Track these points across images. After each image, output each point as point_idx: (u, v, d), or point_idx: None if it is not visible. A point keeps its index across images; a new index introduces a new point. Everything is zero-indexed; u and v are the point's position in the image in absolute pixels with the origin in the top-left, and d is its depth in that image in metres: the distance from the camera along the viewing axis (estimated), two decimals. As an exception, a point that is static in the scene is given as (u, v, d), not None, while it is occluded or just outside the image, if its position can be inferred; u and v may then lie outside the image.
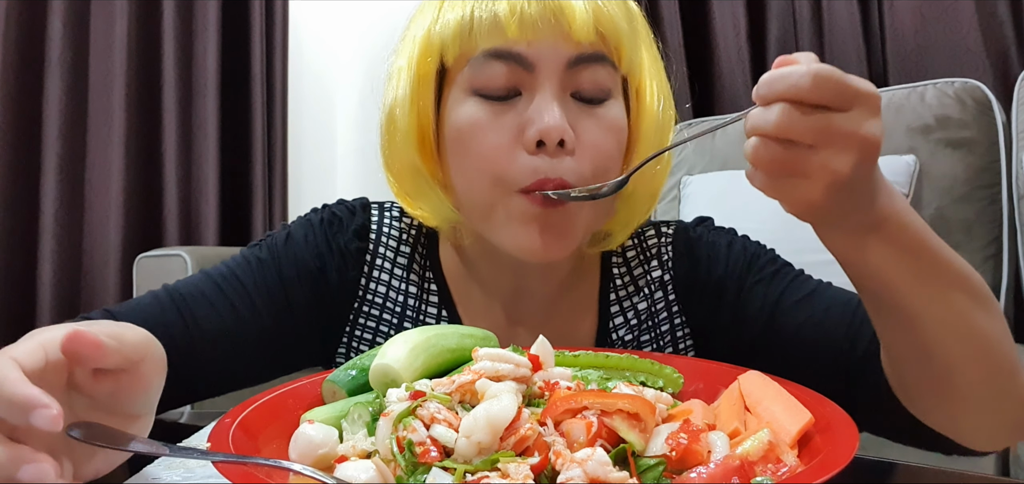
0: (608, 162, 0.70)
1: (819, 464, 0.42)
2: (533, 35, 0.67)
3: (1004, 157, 1.76)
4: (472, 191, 0.71)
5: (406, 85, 0.72)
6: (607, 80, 0.70)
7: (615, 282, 0.81)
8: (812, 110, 0.48)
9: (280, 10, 2.47)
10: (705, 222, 0.83)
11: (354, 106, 2.71)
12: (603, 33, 0.69)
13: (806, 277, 0.76)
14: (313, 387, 0.61)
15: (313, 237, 0.79)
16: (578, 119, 0.68)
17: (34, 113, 2.07)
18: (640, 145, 0.73)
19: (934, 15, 1.99)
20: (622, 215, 0.77)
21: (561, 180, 0.66)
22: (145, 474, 0.54)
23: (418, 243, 0.82)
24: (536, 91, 0.68)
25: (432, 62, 0.71)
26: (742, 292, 0.76)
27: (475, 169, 0.69)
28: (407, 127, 0.72)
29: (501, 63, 0.67)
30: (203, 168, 2.28)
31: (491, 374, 0.53)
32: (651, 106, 0.73)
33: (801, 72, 0.48)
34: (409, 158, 0.73)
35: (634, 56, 0.72)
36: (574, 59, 0.68)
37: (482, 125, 0.68)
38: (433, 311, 0.80)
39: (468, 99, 0.69)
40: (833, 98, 0.48)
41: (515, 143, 0.68)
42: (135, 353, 0.50)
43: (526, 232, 0.68)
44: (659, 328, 0.80)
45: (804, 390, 0.54)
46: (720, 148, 2.08)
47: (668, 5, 2.31)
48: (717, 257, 0.78)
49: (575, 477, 0.41)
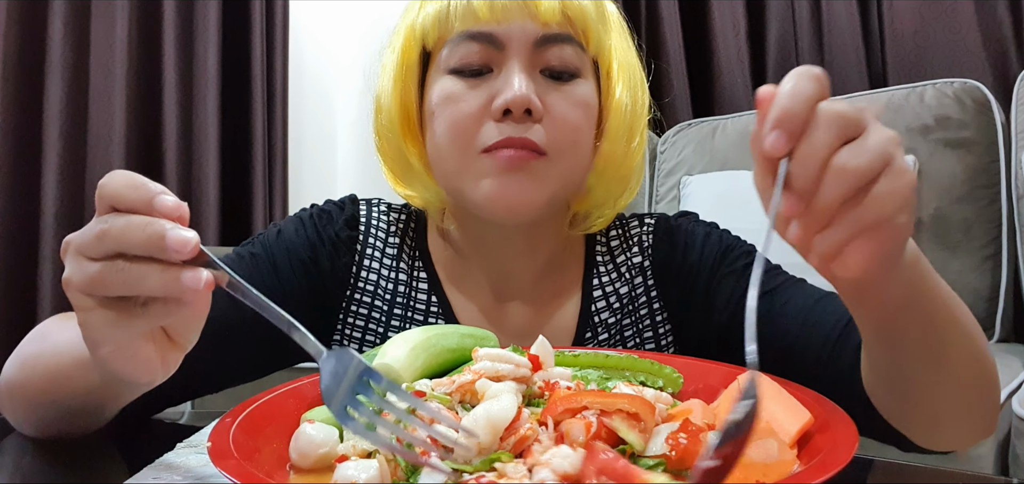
0: (576, 134, 0.74)
1: (819, 464, 0.42)
2: (503, 17, 0.72)
3: (1003, 157, 1.77)
4: (443, 159, 0.75)
5: (391, 72, 0.78)
6: (574, 59, 0.74)
7: (598, 268, 0.83)
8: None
9: (280, 10, 2.47)
10: (688, 215, 0.86)
11: (354, 106, 2.71)
12: (570, 16, 0.74)
13: (781, 275, 0.77)
14: (313, 387, 0.61)
15: (303, 230, 0.82)
16: (546, 92, 0.73)
17: (34, 113, 2.07)
18: (609, 125, 0.77)
19: (934, 15, 1.99)
20: (596, 194, 0.81)
21: (525, 139, 0.71)
22: (145, 474, 0.54)
23: (407, 233, 0.85)
24: (506, 67, 0.72)
25: (415, 49, 0.77)
26: (713, 281, 0.78)
27: (446, 137, 0.74)
28: (392, 111, 0.78)
29: (474, 42, 0.73)
30: (203, 168, 2.28)
31: (491, 374, 0.53)
32: (620, 88, 0.77)
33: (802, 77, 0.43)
34: (395, 141, 0.79)
35: (603, 40, 0.76)
36: (541, 38, 0.72)
37: (454, 97, 0.74)
38: (422, 297, 0.82)
39: (444, 77, 0.75)
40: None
41: (483, 113, 0.72)
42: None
43: (491, 185, 0.72)
44: (638, 312, 0.82)
45: (804, 390, 0.54)
46: (720, 148, 2.08)
47: (668, 5, 2.31)
48: (693, 245, 0.81)
49: (546, 478, 0.41)
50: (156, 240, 0.44)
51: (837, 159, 0.41)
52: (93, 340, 0.48)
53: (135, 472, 0.55)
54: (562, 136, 0.73)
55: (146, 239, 0.44)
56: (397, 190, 0.84)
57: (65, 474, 0.62)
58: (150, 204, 0.45)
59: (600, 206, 0.81)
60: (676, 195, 2.10)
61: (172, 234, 0.44)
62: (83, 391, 0.60)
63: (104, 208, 0.46)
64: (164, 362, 0.50)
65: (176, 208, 0.45)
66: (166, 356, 0.50)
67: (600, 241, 0.85)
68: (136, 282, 0.44)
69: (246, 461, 0.46)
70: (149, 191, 0.45)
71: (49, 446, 0.65)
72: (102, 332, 0.47)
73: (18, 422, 0.67)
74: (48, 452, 0.65)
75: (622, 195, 0.82)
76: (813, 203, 0.42)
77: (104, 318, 0.46)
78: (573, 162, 0.75)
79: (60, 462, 0.63)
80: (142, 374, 0.49)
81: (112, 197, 0.45)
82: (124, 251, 0.44)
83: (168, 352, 0.50)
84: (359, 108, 2.81)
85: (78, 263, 0.46)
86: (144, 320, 0.46)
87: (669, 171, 2.15)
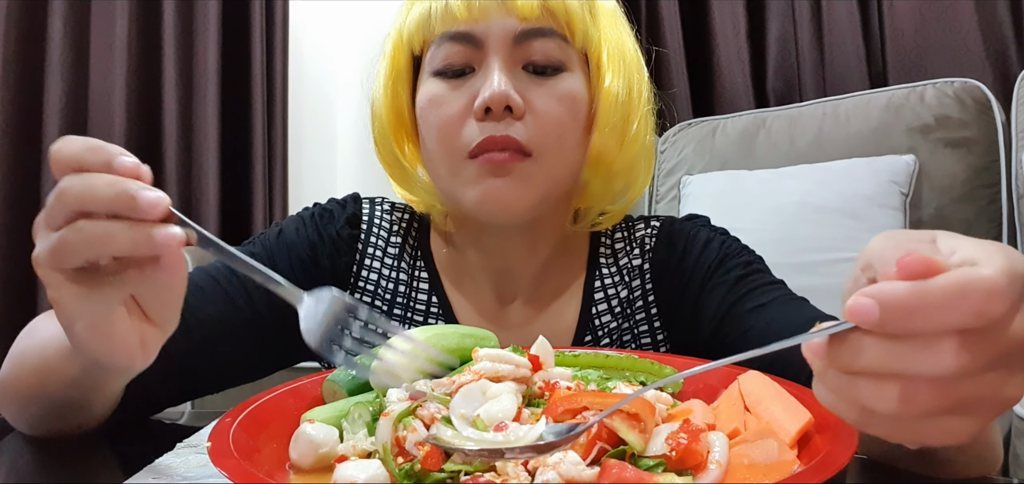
0: (560, 129, 0.73)
1: (819, 464, 0.42)
2: (481, 15, 0.72)
3: (1004, 157, 1.77)
4: (434, 164, 0.76)
5: (383, 78, 0.79)
6: (558, 53, 0.73)
7: (601, 270, 0.83)
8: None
9: (280, 10, 2.47)
10: (697, 218, 0.84)
11: (354, 106, 2.71)
12: (551, 9, 0.73)
13: (775, 289, 0.74)
14: (313, 387, 0.61)
15: (304, 229, 0.81)
16: (529, 88, 0.72)
17: (34, 113, 2.07)
18: (600, 116, 0.76)
19: (934, 15, 1.99)
20: (593, 188, 0.79)
21: (507, 137, 0.70)
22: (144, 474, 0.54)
23: (409, 232, 0.85)
24: (485, 65, 0.72)
25: (404, 54, 0.78)
26: (704, 288, 0.77)
27: (433, 141, 0.74)
28: (385, 117, 0.79)
29: (454, 43, 0.73)
30: (203, 168, 2.28)
31: (491, 374, 0.53)
32: (610, 78, 0.76)
33: (994, 290, 0.32)
34: (391, 147, 0.80)
35: (589, 31, 0.75)
36: (521, 33, 0.72)
37: (437, 100, 0.74)
38: (423, 297, 0.82)
39: (429, 80, 0.75)
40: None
41: (465, 113, 0.72)
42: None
43: (479, 191, 0.72)
44: (635, 316, 0.81)
45: (804, 390, 0.54)
46: (720, 147, 2.08)
47: (668, 5, 2.31)
48: (691, 248, 0.79)
49: (550, 479, 0.41)
50: (125, 198, 0.42)
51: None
52: (67, 318, 0.46)
53: (134, 472, 0.54)
54: (545, 132, 0.72)
55: (114, 195, 0.42)
56: (400, 194, 0.84)
57: (64, 474, 0.62)
58: (110, 165, 0.43)
59: (600, 201, 0.80)
60: (676, 195, 2.10)
61: (143, 193, 0.42)
62: (66, 383, 0.59)
63: (61, 174, 0.44)
64: (143, 344, 0.49)
65: (135, 168, 0.44)
66: (145, 337, 0.49)
67: (604, 242, 0.84)
68: (104, 241, 0.42)
69: (246, 461, 0.45)
70: (108, 152, 0.44)
71: (48, 446, 0.65)
72: (74, 307, 0.45)
73: (14, 420, 0.67)
74: (47, 452, 0.65)
75: (624, 190, 0.81)
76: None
77: (75, 292, 0.44)
78: (559, 158, 0.74)
79: (59, 462, 0.63)
80: (120, 356, 0.48)
81: (70, 161, 0.43)
82: (88, 210, 0.42)
83: (147, 333, 0.49)
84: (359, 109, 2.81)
85: (43, 236, 0.44)
86: (117, 288, 0.44)
87: (669, 171, 2.15)
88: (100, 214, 0.42)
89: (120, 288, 0.45)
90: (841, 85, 2.08)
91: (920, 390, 0.33)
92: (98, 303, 0.45)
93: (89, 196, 0.42)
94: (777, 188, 1.86)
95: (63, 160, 0.44)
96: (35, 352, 0.62)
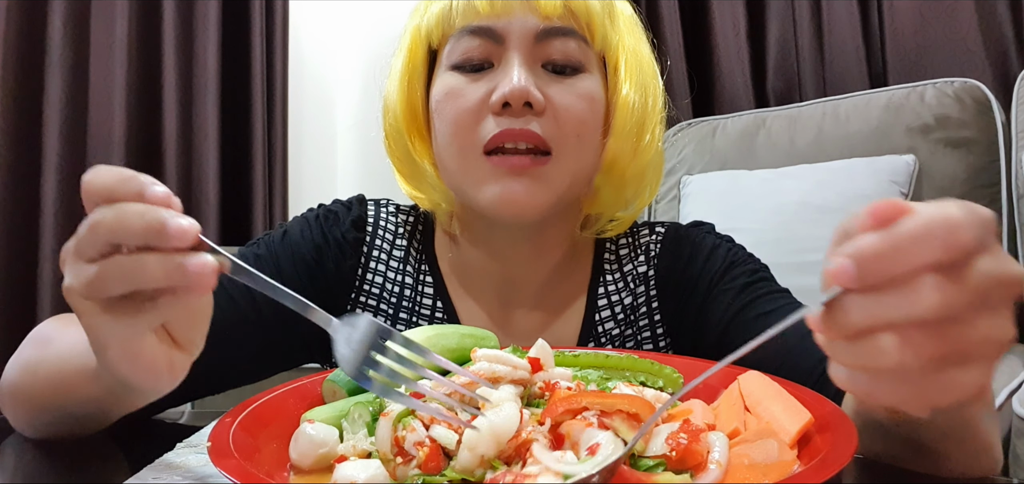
0: (580, 127, 0.73)
1: (819, 464, 0.42)
2: (503, 11, 0.72)
3: (1004, 157, 1.77)
4: (446, 159, 0.75)
5: (399, 72, 0.78)
6: (577, 53, 0.73)
7: (606, 276, 0.82)
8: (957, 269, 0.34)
9: (280, 10, 2.47)
10: (702, 225, 0.84)
11: (354, 106, 2.71)
12: (573, 10, 0.73)
13: (781, 297, 0.74)
14: (313, 387, 0.61)
15: (309, 232, 0.81)
16: (548, 85, 0.72)
17: (34, 113, 2.07)
18: (616, 122, 0.75)
19: (934, 15, 1.99)
20: (604, 194, 0.79)
21: (526, 130, 0.70)
22: (145, 474, 0.54)
23: (414, 235, 0.84)
24: (505, 60, 0.72)
25: (421, 49, 0.77)
26: (709, 296, 0.76)
27: (448, 134, 0.74)
28: (399, 111, 0.78)
29: (474, 37, 0.73)
30: (203, 168, 2.28)
31: (488, 375, 0.53)
32: (627, 86, 0.76)
33: (956, 222, 0.34)
34: (403, 142, 0.79)
35: (609, 35, 0.75)
36: (542, 31, 0.72)
37: (454, 93, 0.73)
38: (428, 301, 0.81)
39: (446, 73, 0.75)
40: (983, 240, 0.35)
41: (482, 107, 0.72)
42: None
43: (495, 190, 0.71)
44: (639, 323, 0.81)
45: (804, 390, 0.54)
46: (720, 147, 2.08)
47: (668, 5, 2.31)
48: (697, 256, 0.79)
49: (545, 478, 0.41)
50: (156, 226, 0.42)
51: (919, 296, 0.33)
52: (99, 343, 0.46)
53: (135, 472, 0.54)
54: (565, 129, 0.72)
55: (145, 226, 0.42)
56: (406, 192, 0.83)
57: (65, 474, 0.62)
58: (141, 195, 0.43)
59: (610, 208, 0.80)
60: (676, 195, 2.10)
61: (173, 222, 0.42)
62: (87, 400, 0.59)
63: (93, 205, 0.44)
64: (171, 368, 0.49)
65: (166, 197, 0.44)
66: (173, 361, 0.49)
67: (609, 249, 0.84)
68: (137, 274, 0.42)
69: (246, 461, 0.46)
70: (139, 182, 0.44)
71: (49, 446, 0.65)
72: (107, 332, 0.45)
73: (19, 425, 0.67)
74: (48, 452, 0.65)
75: (634, 197, 0.80)
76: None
77: (108, 320, 0.44)
78: (577, 157, 0.73)
79: (60, 462, 0.63)
80: (148, 379, 0.48)
81: (102, 192, 0.44)
82: (120, 242, 0.43)
83: (174, 357, 0.49)
84: (359, 108, 2.82)
85: (76, 267, 0.44)
86: (151, 315, 0.44)
87: (669, 171, 2.15)
88: (133, 245, 0.43)
89: (154, 315, 0.45)
90: (841, 85, 2.08)
91: (915, 335, 0.34)
92: (131, 329, 0.45)
93: (121, 228, 0.42)
94: (777, 188, 1.86)
95: (95, 191, 0.44)
96: (52, 365, 0.62)
